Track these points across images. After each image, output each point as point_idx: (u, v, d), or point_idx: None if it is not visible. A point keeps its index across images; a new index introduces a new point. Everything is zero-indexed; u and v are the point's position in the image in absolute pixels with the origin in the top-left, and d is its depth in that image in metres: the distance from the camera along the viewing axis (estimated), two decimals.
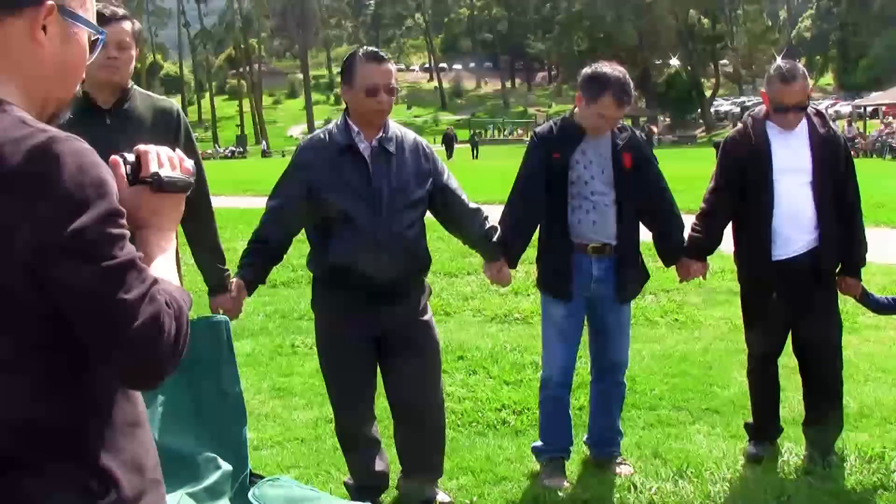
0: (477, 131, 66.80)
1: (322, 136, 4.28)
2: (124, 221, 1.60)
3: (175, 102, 4.30)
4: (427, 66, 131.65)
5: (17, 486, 1.58)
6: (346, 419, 4.47)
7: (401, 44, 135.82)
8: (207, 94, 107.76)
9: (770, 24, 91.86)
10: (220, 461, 3.21)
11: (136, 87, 4.06)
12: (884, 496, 4.42)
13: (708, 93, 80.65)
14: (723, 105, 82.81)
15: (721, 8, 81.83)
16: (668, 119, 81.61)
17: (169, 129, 4.02)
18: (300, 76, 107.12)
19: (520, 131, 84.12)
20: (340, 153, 4.15)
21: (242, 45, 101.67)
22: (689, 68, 79.16)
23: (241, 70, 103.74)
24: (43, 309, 1.56)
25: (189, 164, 1.88)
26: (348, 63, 4.19)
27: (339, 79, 4.40)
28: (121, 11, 3.89)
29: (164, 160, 1.82)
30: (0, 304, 1.55)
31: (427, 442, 4.50)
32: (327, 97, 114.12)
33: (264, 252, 4.28)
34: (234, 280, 4.19)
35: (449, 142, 55.22)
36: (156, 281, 1.62)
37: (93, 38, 1.78)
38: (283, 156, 70.46)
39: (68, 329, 1.57)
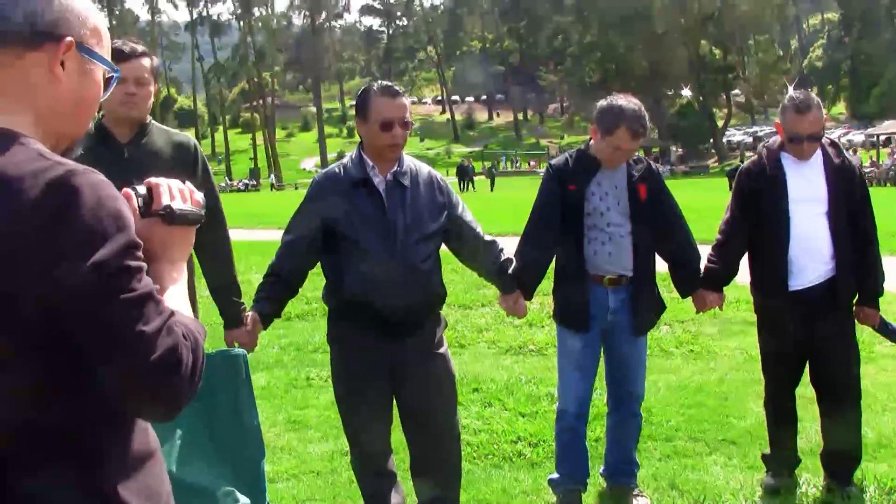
0: (494, 163, 66.52)
1: (337, 170, 4.30)
2: (141, 254, 1.61)
3: (192, 137, 4.34)
4: (439, 98, 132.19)
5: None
6: (362, 452, 4.46)
7: (413, 77, 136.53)
8: (221, 128, 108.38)
9: (781, 53, 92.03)
10: (238, 494, 3.22)
11: (153, 121, 4.11)
12: None
13: (720, 123, 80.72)
14: (735, 135, 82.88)
15: (732, 38, 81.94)
16: (680, 149, 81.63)
17: (186, 163, 4.06)
18: (313, 109, 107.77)
19: (532, 163, 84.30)
20: (355, 187, 4.18)
21: (256, 79, 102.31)
22: (700, 98, 79.20)
23: (254, 103, 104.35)
24: (61, 345, 1.56)
25: (199, 196, 1.90)
26: (362, 97, 4.22)
27: (351, 112, 4.44)
28: (140, 48, 3.95)
29: (176, 193, 1.84)
30: (19, 342, 1.54)
31: (443, 474, 4.49)
32: (340, 130, 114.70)
33: (280, 285, 4.30)
34: (250, 313, 4.20)
35: (462, 173, 54.80)
36: (172, 313, 1.64)
37: (107, 76, 1.79)
38: (297, 188, 70.76)
39: (84, 366, 1.58)
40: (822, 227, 4.80)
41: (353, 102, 4.44)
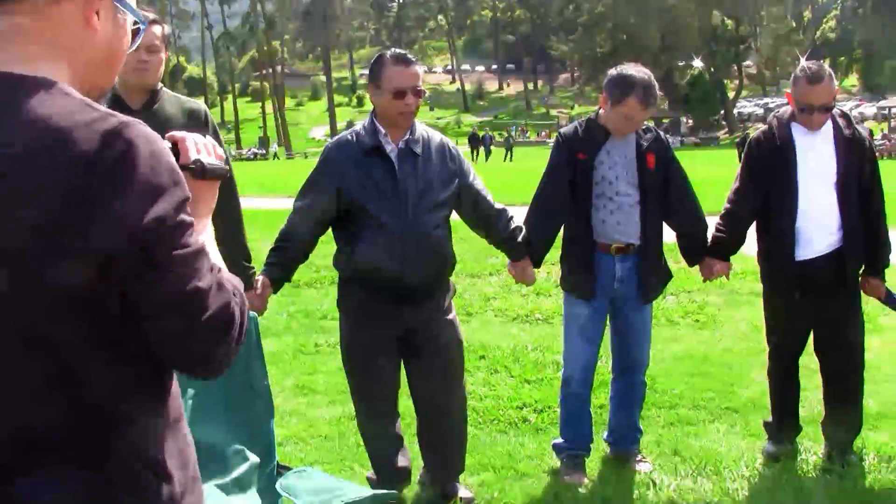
0: (512, 133, 65.55)
1: (349, 137, 4.35)
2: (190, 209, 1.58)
3: (202, 103, 4.39)
4: (449, 67, 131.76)
5: (78, 480, 1.54)
6: (370, 416, 4.54)
7: (423, 46, 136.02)
8: (230, 96, 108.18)
9: (794, 24, 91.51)
10: (248, 453, 3.29)
11: (164, 88, 4.16)
12: None
13: (731, 94, 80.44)
14: (746, 106, 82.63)
15: (745, 9, 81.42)
16: (690, 121, 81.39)
17: (197, 130, 4.10)
18: (323, 78, 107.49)
19: (542, 133, 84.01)
20: (367, 154, 4.23)
21: (265, 48, 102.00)
22: (712, 70, 78.84)
23: (263, 72, 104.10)
24: (114, 301, 1.51)
25: (221, 151, 1.89)
26: (376, 65, 4.27)
27: (361, 81, 4.48)
28: (151, 15, 3.99)
29: (202, 147, 1.80)
30: (73, 297, 1.48)
31: (449, 438, 4.57)
32: (350, 99, 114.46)
33: (290, 251, 4.36)
34: (260, 277, 4.27)
35: (474, 142, 54.02)
36: (220, 269, 1.62)
37: (135, 26, 1.74)
38: (307, 157, 70.72)
39: (136, 325, 1.54)
40: (830, 198, 4.83)
41: (363, 71, 4.50)
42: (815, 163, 4.82)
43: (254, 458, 3.24)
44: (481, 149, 54.15)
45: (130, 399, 1.59)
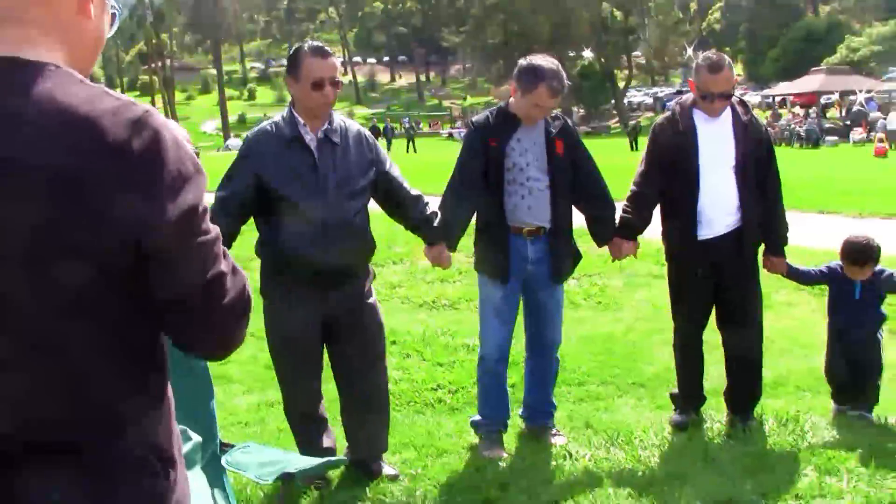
0: (412, 124, 64.62)
1: (269, 127, 4.46)
2: None
3: None
4: (341, 59, 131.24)
5: (87, 468, 1.57)
6: (295, 398, 4.66)
7: (314, 38, 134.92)
8: (118, 91, 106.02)
9: (681, 16, 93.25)
10: (191, 433, 3.39)
11: None
12: (798, 454, 4.75)
13: (621, 84, 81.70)
14: (636, 96, 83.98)
15: (633, 0, 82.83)
16: (582, 110, 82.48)
17: None
18: (213, 71, 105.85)
19: (433, 124, 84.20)
20: (287, 144, 4.34)
21: (154, 41, 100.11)
22: (602, 60, 79.94)
23: (152, 66, 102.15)
24: (131, 285, 1.54)
25: (188, 137, 1.95)
26: (294, 57, 4.38)
27: (252, 73, 4.55)
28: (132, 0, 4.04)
29: (177, 131, 1.80)
30: (91, 282, 1.50)
31: (373, 418, 4.71)
32: (241, 92, 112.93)
33: None
34: None
35: (375, 133, 53.64)
36: (227, 252, 1.65)
37: (112, 12, 1.77)
38: (198, 154, 69.72)
39: (148, 308, 1.57)
40: (729, 180, 5.11)
41: (254, 64, 4.60)
42: (716, 147, 5.09)
43: (197, 438, 3.34)
44: (383, 140, 53.45)
45: (136, 393, 1.62)
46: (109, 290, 1.53)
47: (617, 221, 5.23)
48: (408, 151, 46.77)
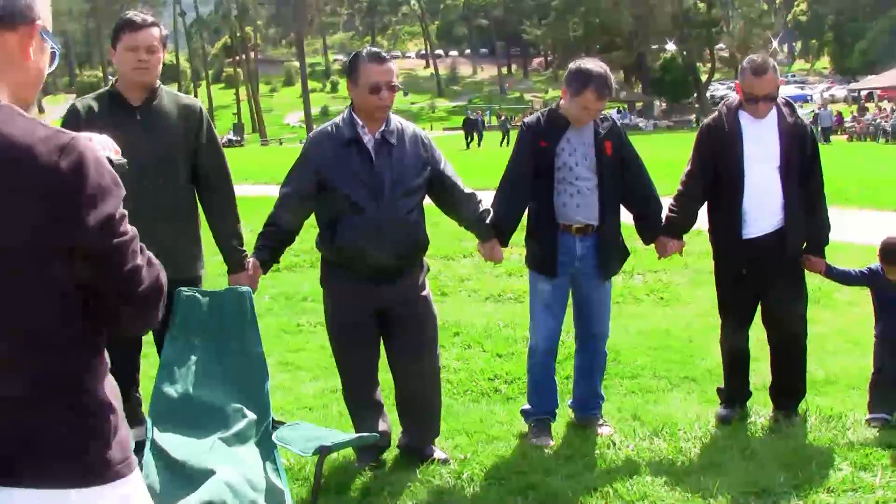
0: (507, 116, 60.97)
1: (329, 129, 4.75)
2: None
3: (197, 100, 4.74)
4: (423, 52, 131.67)
5: (38, 418, 1.93)
6: (352, 384, 4.95)
7: (397, 31, 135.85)
8: (204, 83, 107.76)
9: (766, 7, 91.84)
10: (246, 411, 3.71)
11: (162, 86, 4.51)
12: (836, 450, 4.87)
13: (704, 77, 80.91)
14: (719, 89, 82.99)
15: None
16: (663, 104, 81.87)
17: (192, 124, 4.48)
18: (296, 64, 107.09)
19: (515, 119, 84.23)
20: (346, 145, 4.63)
21: (238, 34, 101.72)
22: (684, 53, 79.28)
23: (237, 58, 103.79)
24: (71, 280, 1.90)
25: (117, 147, 2.25)
26: (352, 63, 4.66)
27: (335, 66, 4.84)
28: (150, 19, 4.36)
29: (107, 145, 2.18)
30: (38, 279, 1.87)
31: (425, 404, 4.97)
32: (324, 85, 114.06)
33: (277, 235, 4.75)
34: (251, 260, 4.65)
35: (471, 127, 49.84)
36: (144, 247, 2.02)
37: (52, 51, 2.08)
38: (281, 144, 70.64)
39: (85, 299, 1.95)
40: (774, 181, 5.25)
41: (337, 57, 4.89)
42: (761, 148, 5.23)
43: (251, 415, 3.65)
44: (475, 134, 50.11)
45: (90, 360, 2.00)
46: (49, 280, 1.89)
47: (664, 220, 5.40)
48: (501, 145, 44.81)
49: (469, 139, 48.53)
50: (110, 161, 2.03)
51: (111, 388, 2.05)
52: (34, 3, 1.99)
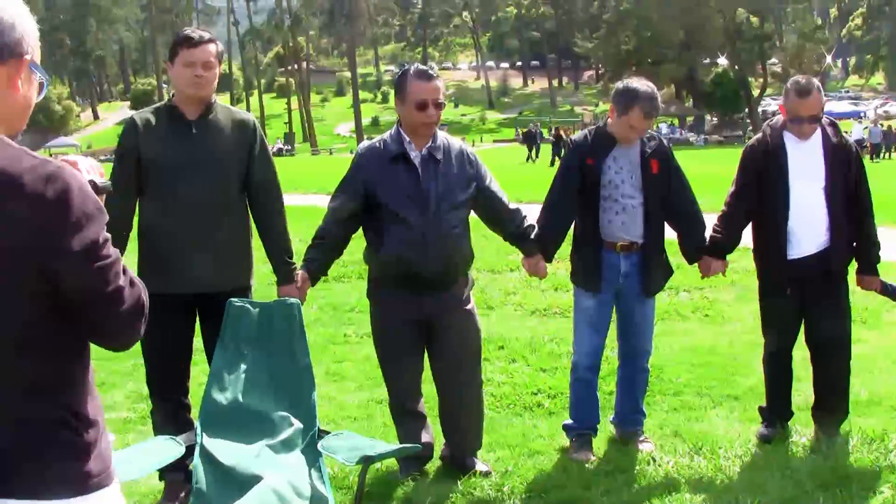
0: (564, 129, 58.75)
1: (378, 144, 4.86)
2: None
3: (251, 115, 4.86)
4: (474, 64, 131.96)
5: (27, 433, 2.02)
6: (397, 394, 5.05)
7: (448, 42, 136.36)
8: (256, 92, 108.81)
9: (820, 22, 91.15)
10: (293, 419, 3.81)
11: (217, 101, 4.64)
12: (879, 471, 4.88)
13: (756, 92, 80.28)
14: (770, 105, 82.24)
15: (769, 6, 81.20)
16: (715, 119, 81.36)
17: (246, 138, 4.60)
18: (348, 74, 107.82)
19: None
20: (394, 161, 4.73)
21: (291, 44, 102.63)
22: (736, 67, 78.65)
23: (289, 68, 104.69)
24: (53, 302, 2.01)
25: (102, 170, 2.30)
26: (400, 80, 4.78)
27: (386, 77, 4.94)
28: (206, 35, 4.49)
29: (92, 169, 2.24)
30: (30, 299, 1.99)
31: (467, 417, 5.05)
32: (374, 95, 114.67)
33: (326, 247, 4.87)
34: (300, 272, 4.76)
35: (531, 139, 49.06)
36: (126, 268, 2.11)
37: (40, 81, 2.16)
38: (332, 153, 71.07)
39: (69, 317, 2.05)
40: (819, 201, 5.27)
41: (389, 68, 5.00)
42: (805, 168, 5.25)
43: (298, 424, 3.75)
44: (534, 147, 48.36)
45: (73, 374, 2.11)
46: (35, 300, 2.01)
47: (707, 240, 5.44)
48: (559, 157, 43.52)
49: (530, 152, 47.23)
50: (95, 185, 2.12)
51: (94, 402, 2.14)
52: (23, 38, 2.07)
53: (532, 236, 5.17)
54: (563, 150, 41.23)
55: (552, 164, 40.56)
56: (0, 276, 1.95)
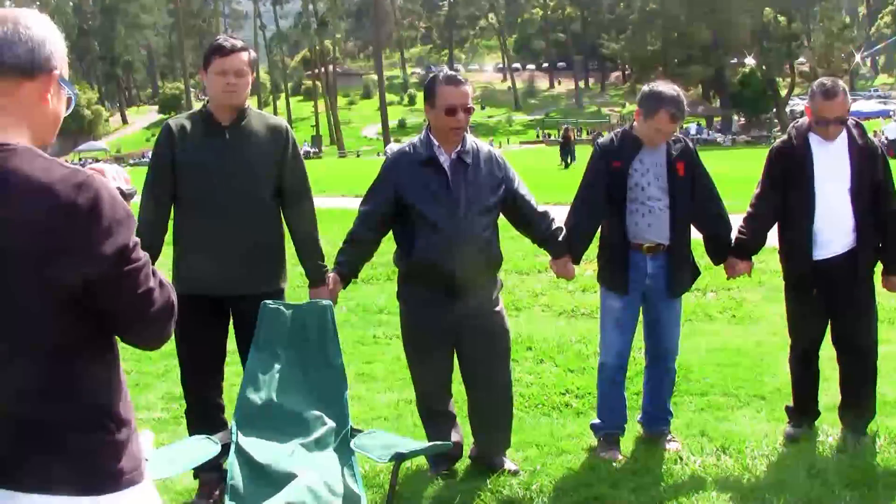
0: (599, 131, 56.02)
1: (407, 148, 4.95)
2: None
3: (284, 121, 4.96)
4: (500, 66, 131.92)
5: (63, 435, 2.10)
6: (426, 395, 5.13)
7: (474, 44, 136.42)
8: (283, 96, 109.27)
9: (848, 21, 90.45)
10: (326, 419, 3.90)
11: (251, 107, 4.74)
12: None
13: (783, 92, 79.92)
14: (798, 104, 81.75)
15: (797, 5, 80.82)
16: (742, 119, 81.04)
17: (279, 144, 4.69)
18: (374, 77, 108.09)
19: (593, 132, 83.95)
20: (423, 164, 4.81)
21: (317, 47, 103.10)
22: (764, 67, 78.37)
23: (316, 71, 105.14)
24: (85, 305, 2.08)
25: (127, 175, 2.37)
26: (429, 85, 4.86)
27: (413, 79, 5.01)
28: (239, 44, 4.58)
29: (118, 175, 2.31)
30: (63, 303, 2.05)
31: (496, 416, 5.13)
32: (401, 98, 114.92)
33: (357, 250, 4.95)
34: (331, 274, 4.85)
35: (567, 143, 44.86)
36: (156, 271, 2.19)
37: (68, 96, 2.27)
38: (359, 156, 71.27)
39: (100, 319, 2.13)
40: (845, 202, 5.30)
41: (415, 70, 5.07)
42: (831, 170, 5.28)
43: (330, 423, 3.84)
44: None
45: (104, 374, 2.18)
46: (68, 303, 2.07)
47: (733, 241, 5.49)
48: (566, 159, 42.26)
49: (565, 157, 43.57)
50: (121, 191, 2.18)
51: (125, 402, 2.22)
52: (53, 54, 2.16)
53: (560, 238, 5.23)
54: (569, 153, 42.65)
55: (566, 166, 40.41)
56: (35, 281, 2.03)
